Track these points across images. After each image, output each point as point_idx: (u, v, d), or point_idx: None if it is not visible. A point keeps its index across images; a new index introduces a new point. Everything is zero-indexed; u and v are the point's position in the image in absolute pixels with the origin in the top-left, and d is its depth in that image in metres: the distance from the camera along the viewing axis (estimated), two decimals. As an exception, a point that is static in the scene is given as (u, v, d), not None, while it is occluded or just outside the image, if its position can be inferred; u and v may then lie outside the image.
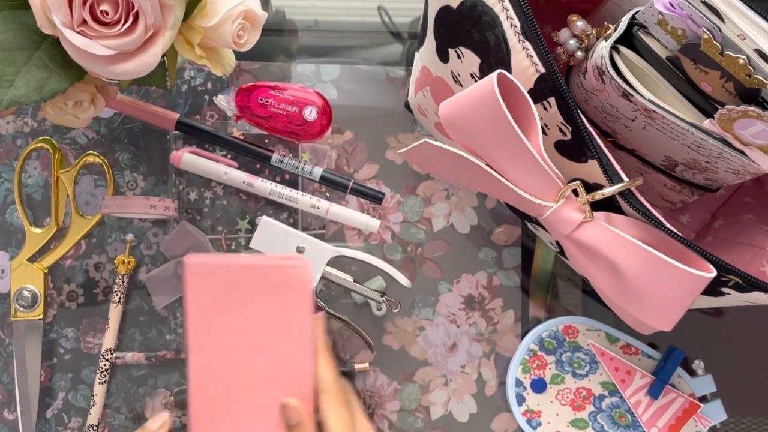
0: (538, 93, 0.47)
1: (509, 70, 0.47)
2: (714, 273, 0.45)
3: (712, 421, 0.69)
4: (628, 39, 0.49)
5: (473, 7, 0.48)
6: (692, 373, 0.71)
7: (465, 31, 0.50)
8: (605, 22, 0.51)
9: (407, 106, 0.70)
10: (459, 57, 0.53)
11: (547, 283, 0.74)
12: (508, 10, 0.46)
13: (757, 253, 0.58)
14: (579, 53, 0.52)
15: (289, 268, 0.63)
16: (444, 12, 0.52)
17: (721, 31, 0.43)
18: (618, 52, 0.49)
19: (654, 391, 0.68)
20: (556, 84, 0.46)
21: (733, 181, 0.55)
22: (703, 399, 0.71)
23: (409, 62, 0.74)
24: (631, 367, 0.70)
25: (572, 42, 0.52)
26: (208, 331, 0.63)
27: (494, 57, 0.48)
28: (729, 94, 0.45)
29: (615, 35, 0.48)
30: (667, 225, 0.46)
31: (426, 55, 0.59)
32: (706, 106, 0.48)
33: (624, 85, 0.48)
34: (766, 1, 0.44)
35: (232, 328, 0.63)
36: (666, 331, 0.49)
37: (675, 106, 0.48)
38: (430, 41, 0.56)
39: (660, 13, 0.45)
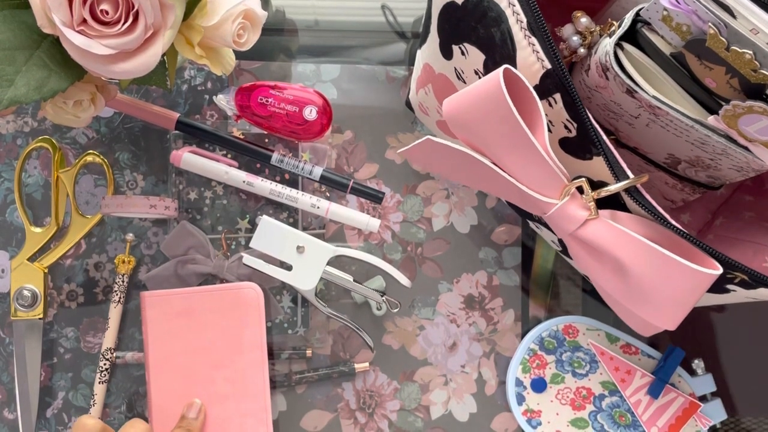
0: (544, 89, 0.47)
1: (514, 66, 0.47)
2: (720, 270, 0.44)
3: (712, 420, 0.69)
4: (632, 36, 0.49)
5: (479, 3, 0.48)
6: (692, 372, 0.71)
7: (470, 27, 0.50)
8: (609, 19, 0.51)
9: (408, 104, 0.70)
10: (463, 54, 0.53)
11: (547, 283, 0.74)
12: (514, 5, 0.46)
13: (760, 249, 0.58)
14: (582, 50, 0.52)
15: (240, 290, 0.66)
16: (448, 8, 0.52)
17: (727, 27, 0.43)
18: (622, 48, 0.49)
19: (654, 391, 0.69)
20: (562, 80, 0.46)
21: (736, 178, 0.55)
22: (703, 398, 0.71)
23: (409, 62, 0.74)
24: (631, 366, 0.70)
25: (575, 38, 0.52)
26: (167, 355, 0.66)
27: (499, 53, 0.48)
28: (734, 90, 0.45)
29: (619, 32, 0.48)
30: (673, 222, 0.46)
31: (429, 52, 0.58)
32: (711, 102, 0.48)
33: (628, 82, 0.48)
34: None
35: (189, 350, 0.66)
36: (666, 331, 0.48)
37: (679, 103, 0.48)
38: (433, 38, 0.56)
39: (665, 9, 0.45)
